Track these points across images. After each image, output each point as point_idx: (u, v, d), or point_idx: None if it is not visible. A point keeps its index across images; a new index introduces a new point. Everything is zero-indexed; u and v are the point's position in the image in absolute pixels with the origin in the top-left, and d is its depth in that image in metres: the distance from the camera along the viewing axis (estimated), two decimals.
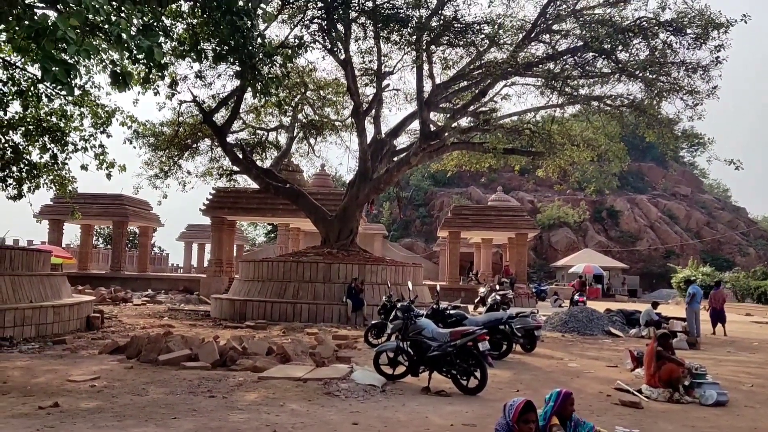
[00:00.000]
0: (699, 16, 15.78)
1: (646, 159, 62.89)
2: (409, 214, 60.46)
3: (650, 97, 17.72)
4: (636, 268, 50.77)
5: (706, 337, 17.56)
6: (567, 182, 25.34)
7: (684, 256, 48.74)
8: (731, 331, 19.65)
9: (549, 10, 17.33)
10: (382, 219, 55.44)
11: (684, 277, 36.07)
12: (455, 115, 20.48)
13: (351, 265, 18.53)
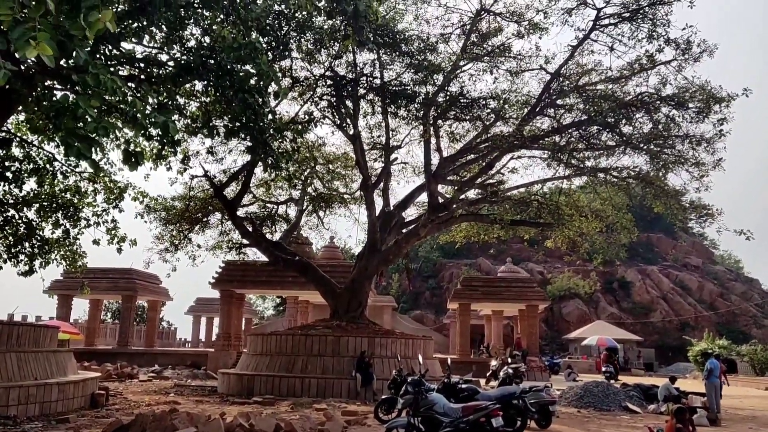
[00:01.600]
0: (700, 90, 16.15)
1: (654, 229, 62.76)
2: (419, 285, 60.08)
3: (656, 169, 17.90)
4: (650, 341, 49.75)
5: (727, 413, 16.97)
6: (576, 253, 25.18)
7: (699, 328, 47.77)
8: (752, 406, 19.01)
9: (553, 86, 17.80)
10: (391, 291, 55.06)
11: (701, 350, 35.24)
12: (463, 188, 20.70)
13: (360, 338, 18.27)
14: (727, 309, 54.51)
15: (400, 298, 56.01)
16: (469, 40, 17.43)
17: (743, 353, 33.74)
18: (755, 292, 60.52)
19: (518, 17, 16.84)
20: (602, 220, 20.74)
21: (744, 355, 33.58)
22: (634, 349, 46.38)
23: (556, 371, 34.21)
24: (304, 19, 10.68)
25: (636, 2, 15.60)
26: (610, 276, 57.13)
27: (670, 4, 15.26)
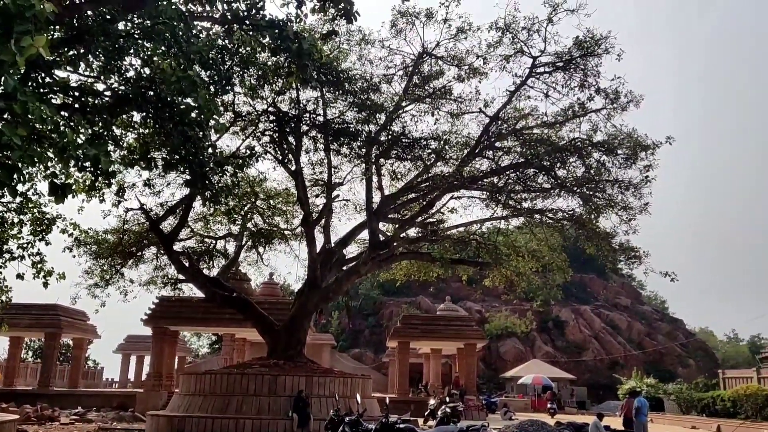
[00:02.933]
0: (628, 138, 16.98)
1: (587, 270, 64.71)
2: (359, 323, 59.67)
3: (588, 212, 18.54)
4: (583, 379, 50.77)
5: None
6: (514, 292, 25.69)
7: (628, 366, 49.11)
8: None
9: (491, 129, 18.34)
10: (331, 329, 54.43)
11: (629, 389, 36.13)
12: (404, 226, 20.88)
13: (298, 377, 17.92)
14: (654, 348, 56.40)
15: (339, 336, 55.41)
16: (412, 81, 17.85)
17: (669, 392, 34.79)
18: (680, 332, 62.95)
19: (459, 61, 17.39)
20: (538, 260, 21.23)
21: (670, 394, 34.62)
22: (567, 387, 47.18)
23: (493, 410, 34.34)
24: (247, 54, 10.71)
25: (569, 53, 16.40)
26: (545, 315, 58.31)
27: (599, 56, 16.11)
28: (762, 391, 26.29)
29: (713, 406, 29.89)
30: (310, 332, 26.03)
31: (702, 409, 31.06)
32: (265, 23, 8.56)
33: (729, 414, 28.10)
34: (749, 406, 26.30)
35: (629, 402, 20.31)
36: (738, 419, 26.83)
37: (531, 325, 56.30)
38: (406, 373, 34.27)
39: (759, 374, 29.54)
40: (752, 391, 26.42)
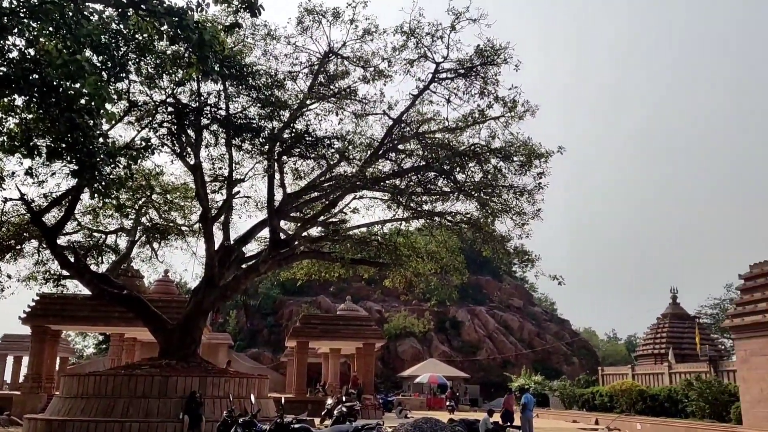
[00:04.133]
0: (523, 146, 17.76)
1: (483, 272, 67.03)
2: (257, 323, 58.64)
3: (485, 216, 19.21)
4: (477, 377, 52.53)
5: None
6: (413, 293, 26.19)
7: (518, 365, 51.38)
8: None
9: (395, 131, 18.60)
10: (228, 328, 53.14)
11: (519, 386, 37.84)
12: (305, 225, 20.75)
13: (191, 378, 17.35)
14: (543, 347, 59.37)
15: (237, 335, 54.22)
16: (317, 80, 17.78)
17: (554, 388, 36.71)
18: (566, 332, 66.65)
19: (365, 63, 17.52)
20: (437, 262, 21.73)
21: (555, 390, 36.53)
22: (461, 385, 48.68)
23: (389, 408, 34.84)
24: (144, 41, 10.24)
25: (470, 61, 16.94)
26: (443, 315, 59.80)
27: (498, 65, 16.76)
28: (636, 387, 28.29)
29: (593, 401, 31.86)
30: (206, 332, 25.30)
31: (583, 404, 33.03)
32: (163, 9, 8.22)
33: (606, 408, 30.05)
34: (624, 401, 28.22)
35: (509, 398, 22.27)
36: (614, 413, 28.73)
37: (429, 325, 57.57)
38: (304, 373, 34.05)
39: (633, 371, 31.78)
40: (627, 387, 28.38)
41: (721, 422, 21.85)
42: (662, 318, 37.21)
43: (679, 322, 36.11)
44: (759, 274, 19.63)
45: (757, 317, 18.82)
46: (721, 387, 23.09)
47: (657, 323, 37.21)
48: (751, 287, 19.80)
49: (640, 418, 26.41)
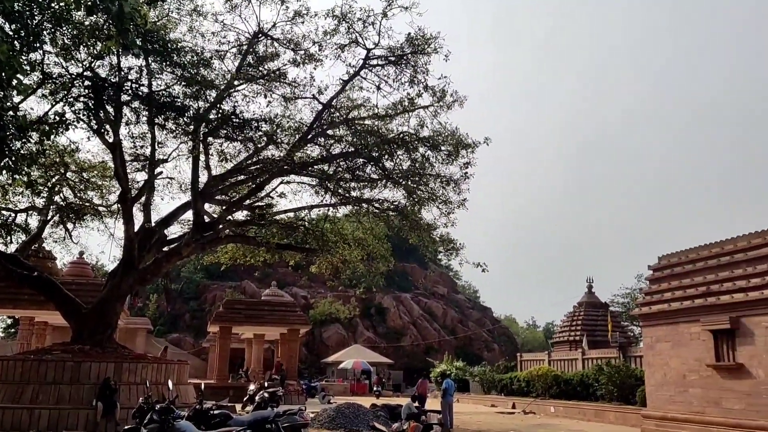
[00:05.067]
0: (451, 136, 18.01)
1: (409, 260, 67.90)
2: (179, 307, 57.19)
3: (412, 204, 19.40)
4: (401, 363, 53.31)
5: (458, 428, 18.82)
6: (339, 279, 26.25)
7: (441, 351, 52.47)
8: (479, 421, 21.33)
9: (324, 116, 18.45)
10: (147, 312, 51.56)
11: (440, 372, 38.68)
12: (231, 208, 20.33)
13: (105, 364, 16.74)
14: (465, 334, 60.88)
15: (157, 320, 52.72)
16: (246, 60, 17.36)
17: (475, 374, 37.73)
18: (488, 319, 68.59)
19: (295, 45, 17.23)
20: (364, 249, 21.80)
21: (475, 376, 37.56)
22: (385, 371, 49.29)
23: (312, 394, 34.87)
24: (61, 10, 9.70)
25: (401, 48, 16.98)
26: (368, 302, 60.23)
27: (429, 54, 16.88)
28: (551, 372, 29.47)
29: (511, 385, 32.98)
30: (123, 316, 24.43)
31: (501, 389, 34.13)
32: None
33: (524, 392, 31.18)
34: (540, 385, 29.35)
35: (423, 382, 23.66)
36: (530, 397, 29.85)
37: (354, 312, 57.86)
38: (226, 359, 33.54)
39: (550, 357, 33.06)
40: (543, 372, 29.52)
41: (627, 405, 23.11)
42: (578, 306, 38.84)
43: (593, 311, 37.81)
44: (666, 266, 20.77)
45: (663, 306, 19.92)
46: (628, 372, 24.39)
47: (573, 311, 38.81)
48: (659, 278, 20.93)
49: (554, 401, 27.56)
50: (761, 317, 16.42)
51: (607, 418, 23.33)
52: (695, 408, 18.27)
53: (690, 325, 18.73)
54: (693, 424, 18.16)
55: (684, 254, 20.14)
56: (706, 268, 18.82)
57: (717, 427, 17.29)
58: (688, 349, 18.80)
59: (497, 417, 25.01)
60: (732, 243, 18.22)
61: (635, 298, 38.39)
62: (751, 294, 16.70)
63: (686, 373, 18.77)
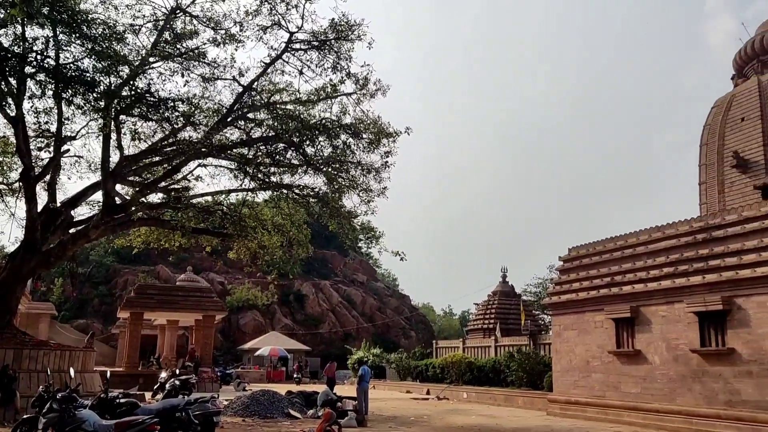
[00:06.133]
0: (373, 124, 18.01)
1: (330, 247, 67.81)
2: (87, 292, 54.70)
3: (332, 191, 19.32)
4: (318, 350, 53.32)
5: (374, 414, 19.04)
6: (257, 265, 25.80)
7: (359, 338, 52.85)
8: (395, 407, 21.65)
9: (244, 99, 18.01)
10: (52, 297, 49.02)
11: (358, 359, 38.99)
12: (144, 190, 19.54)
13: (4, 350, 15.82)
14: (383, 321, 61.55)
15: (62, 305, 50.24)
16: (162, 37, 16.64)
17: (392, 360, 38.26)
18: (406, 307, 69.61)
19: (215, 24, 16.68)
20: (283, 235, 21.53)
21: (392, 363, 38.09)
22: (302, 358, 49.20)
23: (227, 382, 34.34)
24: None
25: (324, 34, 16.76)
26: (287, 288, 59.75)
27: (352, 41, 16.77)
28: (465, 359, 30.29)
29: (426, 372, 33.67)
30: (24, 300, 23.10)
31: (417, 375, 34.79)
32: None
33: (438, 379, 31.92)
34: (454, 372, 30.13)
35: (330, 365, 24.41)
36: (444, 383, 30.59)
37: (273, 298, 57.27)
38: (137, 346, 32.43)
39: (464, 344, 33.96)
40: (457, 359, 30.30)
41: (535, 390, 24.11)
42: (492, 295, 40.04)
43: (507, 299, 39.10)
44: (575, 257, 21.74)
45: (571, 296, 20.87)
46: (537, 358, 25.43)
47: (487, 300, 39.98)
48: (568, 269, 21.89)
49: (466, 387, 28.36)
50: (658, 306, 17.49)
51: (516, 402, 24.25)
52: (597, 392, 19.28)
53: (595, 314, 19.72)
54: (594, 407, 19.18)
55: (591, 246, 21.14)
56: (611, 260, 19.84)
57: (616, 410, 18.34)
58: (592, 337, 19.79)
59: (411, 403, 25.47)
60: (635, 236, 19.28)
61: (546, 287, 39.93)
62: (649, 285, 17.75)
63: (590, 359, 19.76)
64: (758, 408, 14.38)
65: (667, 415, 16.65)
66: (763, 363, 14.44)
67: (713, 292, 15.73)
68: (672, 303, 17.02)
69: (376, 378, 36.83)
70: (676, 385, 16.61)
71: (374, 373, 36.90)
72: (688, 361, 16.33)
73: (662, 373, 17.09)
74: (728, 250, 15.80)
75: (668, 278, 17.17)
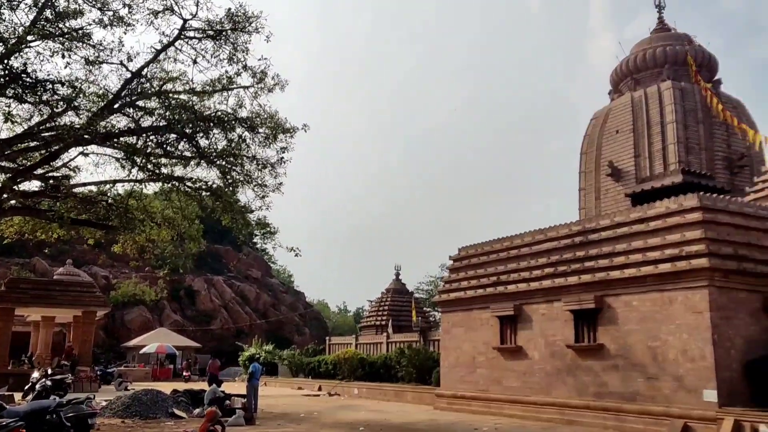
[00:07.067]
0: (270, 119, 17.77)
1: (224, 242, 66.16)
2: None
3: (226, 185, 18.88)
4: (209, 347, 51.86)
5: (263, 412, 18.83)
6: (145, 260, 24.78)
7: (252, 335, 52.00)
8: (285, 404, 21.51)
9: (133, 85, 17.20)
10: None
11: (249, 356, 38.37)
12: (18, 177, 18.17)
13: None
14: (277, 318, 60.91)
15: None
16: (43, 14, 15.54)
17: (284, 357, 37.98)
18: (301, 304, 69.29)
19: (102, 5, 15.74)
20: (174, 228, 20.80)
21: (284, 359, 37.82)
22: (191, 355, 47.76)
23: (108, 381, 32.72)
24: None
25: (220, 23, 16.32)
26: (177, 284, 57.72)
27: (250, 33, 16.43)
28: (357, 355, 30.59)
29: (318, 368, 33.68)
30: None
31: (309, 372, 34.73)
32: None
33: (330, 375, 32.02)
34: (346, 368, 30.35)
35: (213, 362, 24.82)
36: (337, 379, 30.74)
37: (162, 294, 55.15)
38: (7, 344, 30.15)
39: (357, 341, 34.30)
40: (350, 355, 30.55)
41: (424, 385, 24.77)
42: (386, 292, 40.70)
43: (399, 297, 39.89)
44: (464, 257, 22.53)
45: (460, 294, 21.61)
46: (427, 354, 26.13)
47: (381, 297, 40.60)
48: (458, 267, 22.65)
49: (358, 383, 28.66)
50: (539, 305, 18.49)
51: (406, 398, 24.81)
52: (481, 386, 20.11)
53: (482, 311, 20.54)
54: (479, 401, 19.99)
55: (480, 247, 21.99)
56: (498, 260, 20.74)
57: (498, 403, 19.22)
58: (478, 334, 20.60)
59: (303, 399, 25.42)
60: (520, 238, 20.27)
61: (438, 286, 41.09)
62: (532, 284, 18.73)
63: (476, 355, 20.57)
64: (622, 399, 15.57)
65: (543, 407, 17.64)
66: (628, 357, 15.64)
67: (587, 292, 16.83)
68: (551, 302, 18.05)
69: (268, 375, 36.40)
70: (552, 378, 17.64)
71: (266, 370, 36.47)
72: (564, 356, 17.38)
73: (540, 368, 18.09)
74: (601, 252, 16.96)
75: (548, 278, 18.19)
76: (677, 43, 26.84)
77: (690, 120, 24.45)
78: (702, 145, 24.08)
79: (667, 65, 25.82)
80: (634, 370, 15.44)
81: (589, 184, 22.35)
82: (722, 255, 14.39)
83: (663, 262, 15.08)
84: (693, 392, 14.03)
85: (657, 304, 15.12)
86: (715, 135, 24.79)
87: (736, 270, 14.38)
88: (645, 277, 15.43)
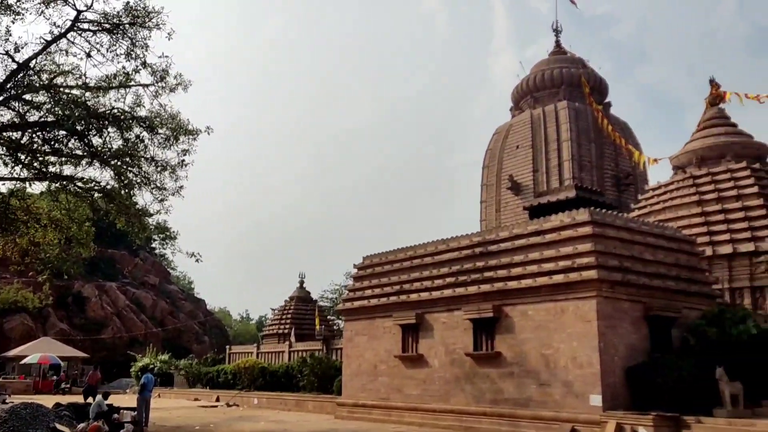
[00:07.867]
0: (171, 119, 17.08)
1: (119, 246, 62.94)
2: None
3: (121, 186, 17.97)
4: (99, 357, 48.94)
5: (155, 425, 17.98)
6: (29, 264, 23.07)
7: (147, 344, 49.69)
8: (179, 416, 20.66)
9: (19, 78, 16.05)
10: None
11: (142, 366, 36.64)
12: None
13: None
14: (174, 326, 58.60)
15: None
16: None
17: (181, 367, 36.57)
18: (200, 311, 67.01)
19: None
20: (61, 231, 19.57)
21: (181, 369, 36.41)
22: (78, 366, 45.02)
23: None
24: None
25: (117, 17, 15.55)
26: (65, 290, 54.18)
27: (150, 29, 15.76)
28: (258, 364, 29.95)
29: (217, 378, 32.68)
30: None
31: (207, 382, 33.62)
32: None
33: (230, 385, 31.14)
34: (247, 378, 29.63)
35: (93, 373, 24.49)
36: (236, 389, 29.93)
37: (47, 301, 51.59)
38: None
39: (258, 349, 33.60)
40: (250, 364, 29.88)
41: (326, 394, 24.58)
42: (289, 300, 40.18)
43: (303, 305, 39.49)
44: (368, 265, 22.61)
45: (363, 302, 21.65)
46: (329, 363, 25.98)
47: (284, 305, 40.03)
48: (362, 276, 22.70)
49: (258, 393, 28.04)
50: (440, 314, 18.84)
51: (307, 407, 24.52)
52: (382, 395, 20.20)
53: (385, 320, 20.66)
54: (380, 409, 20.06)
55: (384, 256, 22.14)
56: (401, 269, 20.97)
57: (399, 411, 19.37)
58: (381, 342, 20.70)
59: (199, 411, 24.53)
60: (423, 248, 20.59)
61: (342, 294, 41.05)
62: (433, 293, 19.06)
63: (378, 363, 20.65)
64: (517, 405, 16.11)
65: (442, 414, 17.94)
66: (523, 365, 16.22)
67: (486, 301, 17.32)
68: (452, 310, 18.42)
69: (162, 386, 34.90)
70: (451, 386, 17.99)
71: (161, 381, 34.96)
72: (463, 364, 17.78)
73: (440, 376, 18.41)
74: (500, 263, 17.52)
75: (450, 288, 18.57)
76: (573, 65, 28.41)
77: (583, 139, 25.91)
78: (593, 162, 25.56)
79: (563, 86, 27.26)
80: (528, 377, 16.02)
81: (491, 197, 23.11)
82: (609, 267, 15.25)
83: (557, 273, 15.78)
84: (581, 397, 14.74)
85: (551, 314, 15.79)
86: (605, 154, 26.40)
87: (620, 281, 15.28)
88: (540, 287, 16.08)
